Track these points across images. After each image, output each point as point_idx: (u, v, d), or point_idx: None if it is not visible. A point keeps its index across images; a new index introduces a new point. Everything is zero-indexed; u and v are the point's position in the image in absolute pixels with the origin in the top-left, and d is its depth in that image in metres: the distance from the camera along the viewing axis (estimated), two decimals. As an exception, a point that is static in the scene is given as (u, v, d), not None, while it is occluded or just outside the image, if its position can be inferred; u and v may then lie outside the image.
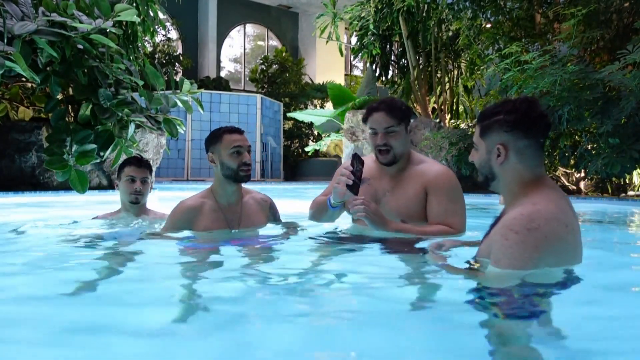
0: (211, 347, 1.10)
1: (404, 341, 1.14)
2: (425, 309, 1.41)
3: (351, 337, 1.17)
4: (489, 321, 1.25)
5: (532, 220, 1.46)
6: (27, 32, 2.80)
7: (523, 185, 1.59)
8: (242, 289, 1.58)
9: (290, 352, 1.08)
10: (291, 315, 1.32)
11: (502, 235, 1.50)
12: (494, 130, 1.59)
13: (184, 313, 1.31)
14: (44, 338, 1.15)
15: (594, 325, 1.26)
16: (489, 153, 1.61)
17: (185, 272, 1.80)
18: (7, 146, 5.81)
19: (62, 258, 2.12)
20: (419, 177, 2.33)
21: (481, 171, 1.67)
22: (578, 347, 1.11)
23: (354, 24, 9.95)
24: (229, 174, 2.39)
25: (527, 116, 1.55)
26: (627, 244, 3.01)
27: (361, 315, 1.34)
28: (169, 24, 15.14)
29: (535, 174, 1.59)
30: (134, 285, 1.67)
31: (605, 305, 1.44)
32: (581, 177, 7.10)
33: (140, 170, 2.93)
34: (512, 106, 1.57)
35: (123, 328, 1.20)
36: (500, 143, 1.58)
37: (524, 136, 1.56)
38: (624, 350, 1.09)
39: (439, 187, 2.29)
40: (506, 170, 1.59)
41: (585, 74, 5.25)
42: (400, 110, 2.33)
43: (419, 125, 9.08)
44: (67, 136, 3.33)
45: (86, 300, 1.48)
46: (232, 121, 12.44)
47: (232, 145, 2.37)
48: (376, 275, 1.77)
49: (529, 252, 1.44)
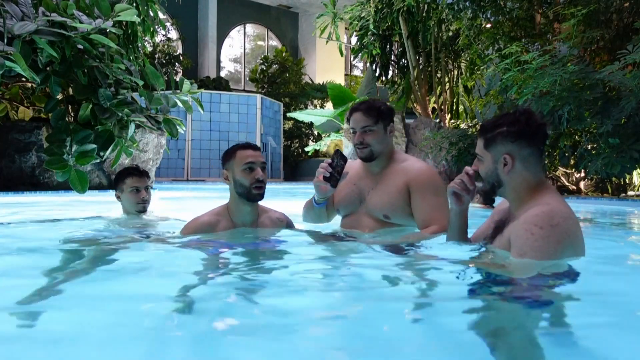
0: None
1: (403, 334, 1.14)
2: (424, 304, 1.42)
3: (356, 332, 1.17)
4: (491, 307, 1.30)
5: (552, 217, 1.61)
6: (27, 32, 2.80)
7: (529, 189, 1.73)
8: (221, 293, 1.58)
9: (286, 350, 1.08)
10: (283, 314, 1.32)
11: (526, 230, 1.62)
12: (498, 141, 1.73)
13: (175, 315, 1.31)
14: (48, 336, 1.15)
15: (596, 317, 1.29)
16: (496, 163, 1.75)
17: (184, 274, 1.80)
18: (7, 146, 5.81)
19: (70, 258, 2.12)
20: (401, 174, 2.40)
21: (488, 180, 1.79)
22: (580, 336, 1.12)
23: (354, 24, 9.95)
24: (241, 191, 2.30)
25: (528, 126, 1.69)
26: (626, 242, 3.02)
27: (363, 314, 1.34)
28: (169, 24, 15.15)
29: (538, 178, 1.74)
30: (132, 282, 1.67)
31: (607, 296, 1.52)
32: (581, 177, 7.10)
33: (142, 180, 2.99)
34: (513, 118, 1.72)
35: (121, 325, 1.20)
36: (506, 153, 1.72)
37: (527, 145, 1.70)
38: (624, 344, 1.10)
39: (421, 183, 2.36)
40: (513, 177, 1.74)
41: (585, 74, 5.25)
42: (378, 110, 2.41)
43: (419, 125, 9.08)
44: (67, 136, 3.33)
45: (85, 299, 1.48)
46: (232, 121, 12.45)
47: (245, 162, 2.28)
48: (374, 275, 1.78)
49: (553, 246, 1.59)
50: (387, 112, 2.45)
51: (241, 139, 12.45)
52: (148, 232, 2.63)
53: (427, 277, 1.72)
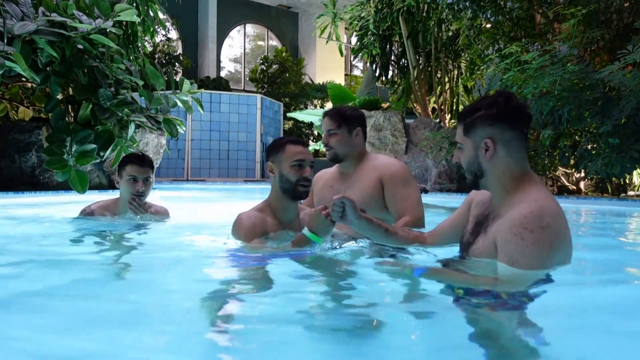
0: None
1: (396, 343, 1.14)
2: (411, 311, 1.40)
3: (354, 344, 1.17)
4: (478, 317, 1.26)
5: (542, 218, 1.48)
6: (27, 32, 2.80)
7: (513, 179, 1.61)
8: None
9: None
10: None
11: (516, 235, 1.49)
12: (477, 126, 1.61)
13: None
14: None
15: (583, 319, 1.29)
16: (477, 149, 1.62)
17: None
18: (7, 146, 5.81)
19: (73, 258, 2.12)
20: (374, 170, 2.57)
21: (469, 169, 1.67)
22: (566, 339, 1.12)
23: (354, 24, 9.95)
24: (287, 187, 2.19)
25: (507, 107, 1.58)
26: (625, 240, 3.01)
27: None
28: (169, 24, 15.14)
29: (522, 168, 1.62)
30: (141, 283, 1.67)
31: (595, 297, 1.50)
32: (581, 177, 7.10)
33: (142, 170, 2.82)
34: (491, 100, 1.60)
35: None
36: (487, 137, 1.59)
37: (509, 127, 1.58)
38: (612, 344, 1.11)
39: (391, 175, 2.53)
40: (495, 164, 1.61)
41: (585, 74, 5.25)
42: (342, 115, 2.59)
43: (419, 125, 9.08)
44: (67, 136, 3.33)
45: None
46: (232, 121, 12.43)
47: (295, 158, 2.19)
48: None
49: (546, 251, 1.47)
50: (353, 117, 2.61)
51: (241, 139, 12.47)
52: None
53: (414, 286, 1.65)
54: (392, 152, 8.86)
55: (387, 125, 8.92)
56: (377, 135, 8.94)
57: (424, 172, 8.55)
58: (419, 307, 1.44)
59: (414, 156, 8.74)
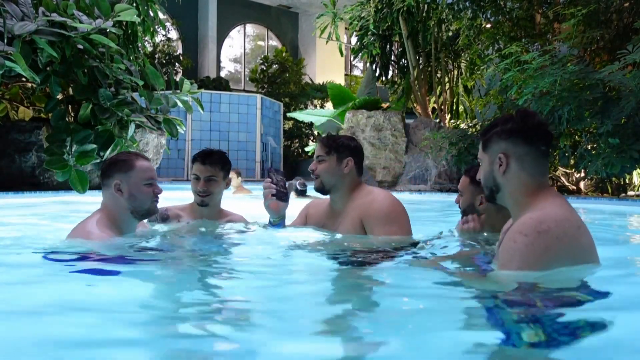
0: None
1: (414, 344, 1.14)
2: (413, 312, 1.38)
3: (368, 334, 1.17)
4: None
5: (541, 222, 1.48)
6: (27, 32, 2.80)
7: (527, 194, 1.60)
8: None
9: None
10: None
11: (510, 239, 1.52)
12: (493, 141, 1.65)
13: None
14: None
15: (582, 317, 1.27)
16: (492, 164, 1.65)
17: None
18: (7, 146, 5.81)
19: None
20: (357, 210, 2.33)
21: (486, 184, 1.70)
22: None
23: (354, 24, 9.96)
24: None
25: (523, 123, 1.60)
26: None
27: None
28: (169, 24, 15.15)
29: (539, 183, 1.61)
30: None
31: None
32: (581, 177, 7.10)
33: (203, 168, 2.53)
34: (508, 116, 1.64)
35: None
36: (501, 152, 1.62)
37: (523, 143, 1.60)
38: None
39: (372, 215, 2.28)
40: (509, 179, 1.62)
41: (585, 74, 5.26)
42: (333, 141, 2.36)
43: (419, 125, 9.09)
44: (67, 136, 3.34)
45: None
46: (232, 121, 12.45)
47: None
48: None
49: (538, 254, 1.46)
50: (345, 146, 2.36)
51: (241, 139, 12.48)
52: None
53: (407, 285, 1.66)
54: (392, 152, 8.87)
55: (387, 125, 8.93)
56: (377, 135, 8.94)
57: (424, 172, 8.56)
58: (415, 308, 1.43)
59: (414, 156, 8.74)
